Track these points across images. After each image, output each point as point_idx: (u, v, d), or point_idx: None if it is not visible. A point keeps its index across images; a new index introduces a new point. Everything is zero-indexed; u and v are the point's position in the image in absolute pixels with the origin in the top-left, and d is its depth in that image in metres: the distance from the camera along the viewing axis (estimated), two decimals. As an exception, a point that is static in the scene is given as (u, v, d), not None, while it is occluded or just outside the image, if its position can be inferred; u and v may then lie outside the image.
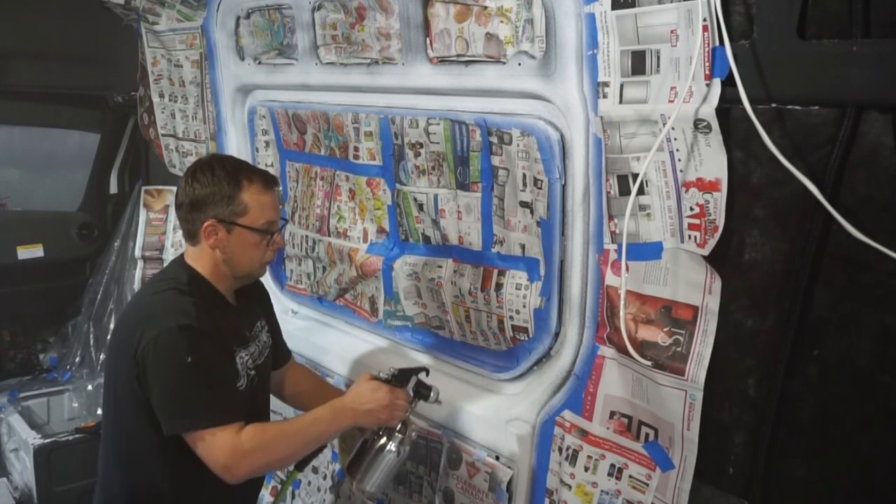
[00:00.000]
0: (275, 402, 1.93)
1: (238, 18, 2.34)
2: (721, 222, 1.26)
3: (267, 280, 2.45)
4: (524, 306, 1.70)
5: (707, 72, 1.21)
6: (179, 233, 2.10)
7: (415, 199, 1.92)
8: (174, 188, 1.81)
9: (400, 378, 1.67)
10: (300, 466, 1.79)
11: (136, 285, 3.28)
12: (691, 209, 1.30)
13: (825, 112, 1.14)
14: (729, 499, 1.37)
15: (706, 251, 1.29)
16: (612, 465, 1.52)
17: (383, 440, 1.65)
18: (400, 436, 1.65)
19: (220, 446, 1.48)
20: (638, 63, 1.32)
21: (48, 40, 3.17)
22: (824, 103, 1.14)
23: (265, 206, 1.63)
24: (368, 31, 1.88)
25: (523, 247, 1.70)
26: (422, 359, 2.04)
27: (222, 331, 1.57)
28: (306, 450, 1.61)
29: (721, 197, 1.25)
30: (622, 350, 1.44)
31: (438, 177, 1.84)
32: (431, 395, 1.68)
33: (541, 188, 1.59)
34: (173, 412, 1.50)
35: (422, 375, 1.70)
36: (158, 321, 1.50)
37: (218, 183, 1.59)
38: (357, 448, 1.69)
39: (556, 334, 1.66)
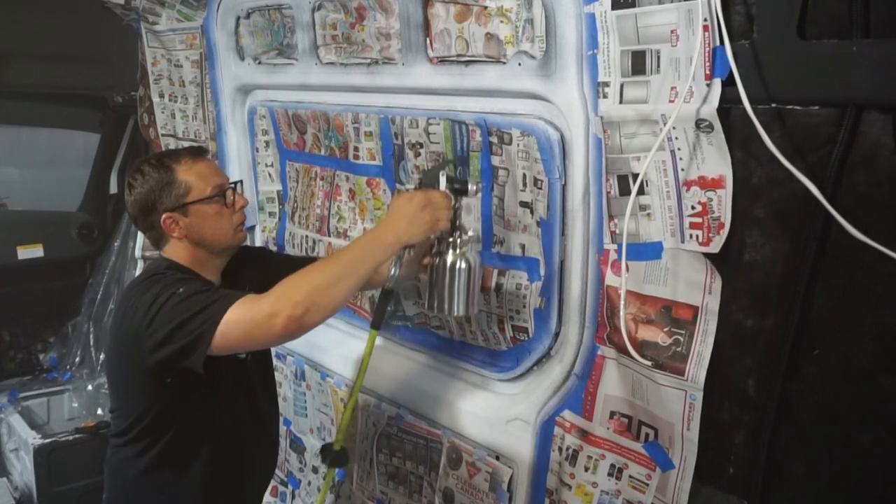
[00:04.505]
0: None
1: (238, 18, 2.34)
2: (727, 219, 1.25)
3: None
4: (524, 306, 1.70)
5: (707, 72, 1.21)
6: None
7: (415, 199, 1.92)
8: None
9: (427, 182, 1.57)
10: (376, 324, 1.64)
11: (136, 285, 3.28)
12: (693, 208, 1.30)
13: (825, 112, 1.14)
14: (729, 499, 1.37)
15: (713, 249, 1.28)
16: (612, 466, 1.52)
17: (447, 258, 1.55)
18: (462, 247, 1.55)
19: (250, 306, 1.41)
20: (638, 63, 1.32)
21: (48, 40, 3.17)
22: (824, 103, 1.14)
23: (205, 175, 1.62)
24: (368, 31, 1.88)
25: (523, 247, 1.70)
26: (421, 359, 2.04)
27: None
28: (353, 274, 1.46)
29: (726, 194, 1.25)
30: (622, 350, 1.44)
31: (438, 177, 1.84)
32: (470, 186, 1.55)
33: (541, 188, 1.59)
34: (195, 328, 1.41)
35: (448, 170, 1.59)
36: (145, 299, 1.49)
37: (150, 178, 1.59)
38: (428, 282, 1.60)
39: (556, 334, 1.66)
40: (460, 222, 1.59)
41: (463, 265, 1.56)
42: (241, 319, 1.41)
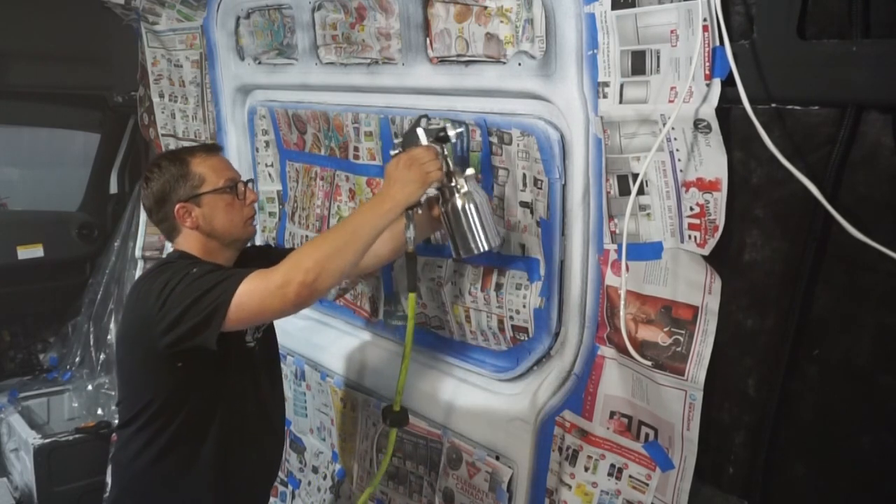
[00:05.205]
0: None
1: (238, 18, 2.34)
2: (721, 222, 1.26)
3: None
4: (524, 306, 1.70)
5: (707, 72, 1.21)
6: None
7: (415, 199, 1.92)
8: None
9: (407, 142, 1.62)
10: (412, 287, 1.68)
11: (136, 286, 3.29)
12: (691, 209, 1.30)
13: (825, 112, 1.14)
14: (729, 499, 1.37)
15: (706, 251, 1.29)
16: (612, 465, 1.52)
17: (456, 202, 1.58)
18: (462, 187, 1.59)
19: (263, 277, 1.46)
20: (638, 63, 1.32)
21: (48, 40, 3.17)
22: (824, 103, 1.14)
23: (218, 168, 1.68)
24: (368, 31, 1.88)
25: (523, 247, 1.70)
26: (421, 359, 2.04)
27: None
28: (357, 241, 1.50)
29: (721, 197, 1.25)
30: (622, 350, 1.44)
31: (438, 177, 1.84)
32: (449, 132, 1.61)
33: (541, 188, 1.59)
34: (210, 303, 1.45)
35: (423, 123, 1.64)
36: (157, 284, 1.52)
37: (167, 171, 1.65)
38: (447, 231, 1.64)
39: (556, 334, 1.66)
40: (454, 167, 1.62)
41: (471, 205, 1.59)
42: (254, 289, 1.45)
